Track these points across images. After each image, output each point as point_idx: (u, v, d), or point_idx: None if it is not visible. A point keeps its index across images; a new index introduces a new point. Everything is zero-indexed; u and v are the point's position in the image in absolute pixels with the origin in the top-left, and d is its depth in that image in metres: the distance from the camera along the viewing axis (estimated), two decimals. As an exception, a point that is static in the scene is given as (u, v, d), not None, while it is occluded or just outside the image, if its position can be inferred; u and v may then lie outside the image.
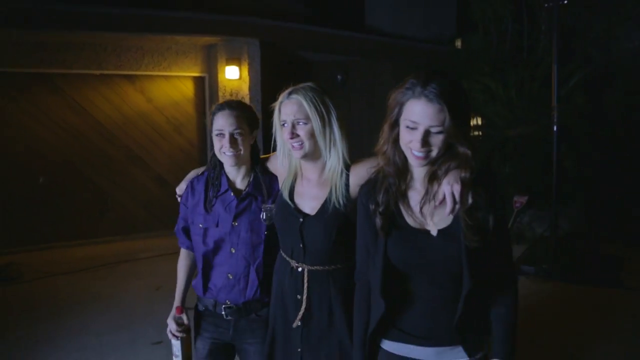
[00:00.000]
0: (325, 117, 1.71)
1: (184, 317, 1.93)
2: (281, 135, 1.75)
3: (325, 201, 1.73)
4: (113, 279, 5.36)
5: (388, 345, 1.52)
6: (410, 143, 1.33)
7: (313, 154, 1.75)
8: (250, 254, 1.87)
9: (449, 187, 1.32)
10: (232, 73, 6.62)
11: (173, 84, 6.99)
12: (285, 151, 1.80)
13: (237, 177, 1.93)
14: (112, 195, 6.82)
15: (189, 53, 6.90)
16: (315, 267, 1.73)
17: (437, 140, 1.30)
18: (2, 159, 6.18)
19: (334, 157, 1.73)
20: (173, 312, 1.94)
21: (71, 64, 6.29)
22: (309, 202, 1.78)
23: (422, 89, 1.28)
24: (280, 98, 1.75)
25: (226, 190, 1.90)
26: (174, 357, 1.94)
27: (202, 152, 7.27)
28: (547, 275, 4.88)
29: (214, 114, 1.89)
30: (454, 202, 1.31)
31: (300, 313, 1.74)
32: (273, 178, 1.93)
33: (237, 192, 1.91)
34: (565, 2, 4.75)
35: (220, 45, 6.70)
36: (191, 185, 1.98)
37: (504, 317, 1.45)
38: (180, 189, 2.01)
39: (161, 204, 6.88)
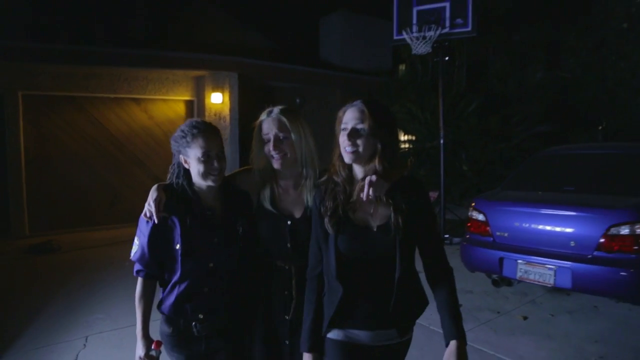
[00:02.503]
0: (302, 132, 1.93)
1: (159, 350, 1.90)
2: (261, 148, 1.95)
3: (307, 205, 1.92)
4: (126, 250, 7.07)
5: (333, 333, 1.71)
6: (343, 143, 1.64)
7: (291, 165, 1.94)
8: (228, 266, 1.93)
9: (368, 177, 1.63)
10: (216, 98, 8.71)
11: (169, 105, 9.00)
12: (263, 165, 1.98)
13: (210, 193, 1.92)
14: (120, 191, 8.69)
15: (183, 82, 8.93)
16: (302, 263, 1.84)
17: (362, 138, 1.62)
18: (39, 163, 7.98)
19: (310, 167, 1.95)
20: (144, 347, 1.87)
21: (93, 89, 8.20)
22: (290, 207, 1.95)
23: (353, 103, 1.67)
24: (262, 116, 1.96)
25: (203, 208, 1.90)
26: None
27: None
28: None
29: (194, 135, 1.84)
30: (369, 187, 1.61)
31: (293, 305, 1.89)
32: (241, 193, 2.00)
33: (212, 208, 1.92)
34: (447, 58, 7.08)
35: (207, 76, 8.77)
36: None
37: (447, 302, 1.68)
38: (155, 206, 1.83)
39: (158, 199, 8.79)
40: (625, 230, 3.66)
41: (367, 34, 11.87)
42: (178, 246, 1.86)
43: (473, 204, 4.68)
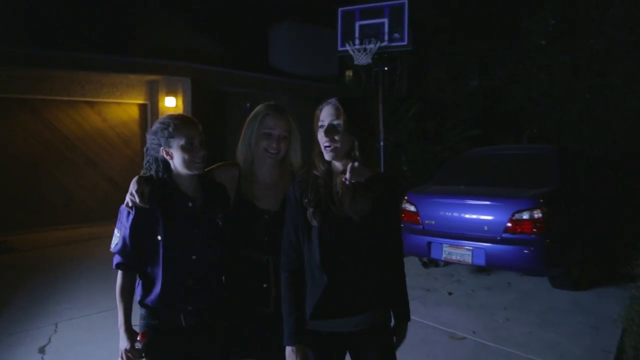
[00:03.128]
0: (297, 133, 2.03)
1: (144, 341, 1.90)
2: (255, 141, 1.98)
3: (283, 199, 1.92)
4: (84, 249, 7.45)
5: (317, 324, 1.76)
6: (321, 139, 1.74)
7: (279, 162, 2.02)
8: (210, 258, 1.94)
9: (350, 164, 1.73)
10: (170, 102, 9.06)
11: (123, 108, 9.26)
12: (248, 158, 2.01)
13: (190, 186, 1.94)
14: (74, 192, 8.84)
15: (136, 86, 9.22)
16: (279, 256, 1.85)
17: (339, 134, 1.70)
18: (-10, 165, 8.03)
19: (295, 164, 2.04)
20: (129, 341, 1.86)
21: (46, 92, 8.34)
22: (267, 201, 1.99)
23: (329, 100, 1.76)
24: (266, 110, 2.00)
25: (184, 199, 1.92)
26: None
27: (144, 159, 9.51)
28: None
29: (177, 125, 1.88)
30: (351, 173, 1.71)
31: (272, 298, 1.92)
32: (218, 186, 2.01)
33: (193, 200, 1.94)
34: (386, 69, 7.82)
35: (161, 81, 9.10)
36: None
37: (399, 288, 1.89)
38: (137, 197, 1.84)
39: (112, 199, 8.99)
40: (526, 216, 4.46)
41: (314, 42, 12.52)
42: (160, 237, 1.87)
43: (406, 197, 5.39)
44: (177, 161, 1.88)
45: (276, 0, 12.40)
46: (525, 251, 4.47)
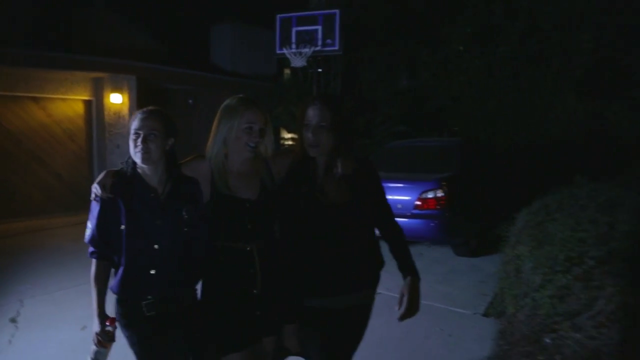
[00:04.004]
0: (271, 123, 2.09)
1: (114, 326, 1.99)
2: (236, 137, 1.98)
3: (261, 187, 2.05)
4: (33, 240, 7.71)
5: (310, 302, 1.96)
6: (308, 139, 1.87)
7: (256, 152, 2.05)
8: (172, 249, 1.99)
9: (339, 158, 1.91)
10: (116, 99, 9.44)
11: (68, 104, 9.51)
12: (221, 152, 2.02)
13: (154, 178, 1.99)
14: (18, 187, 8.99)
15: (82, 82, 9.49)
16: (262, 242, 2.00)
17: (323, 134, 1.85)
18: None
19: (266, 153, 2.09)
20: (99, 324, 1.96)
21: (-11, 88, 8.48)
22: (245, 190, 2.03)
23: (314, 100, 1.89)
24: (244, 104, 2.01)
25: (146, 191, 1.98)
26: None
27: (89, 154, 9.85)
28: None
29: (134, 117, 1.97)
30: (342, 166, 1.91)
31: (259, 280, 1.99)
32: (191, 181, 2.03)
33: (156, 192, 1.99)
34: (320, 70, 8.68)
35: (107, 78, 9.45)
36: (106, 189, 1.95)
37: (401, 250, 2.09)
38: (99, 188, 1.95)
39: (58, 193, 9.32)
40: (430, 195, 5.46)
41: (254, 42, 13.15)
42: (123, 227, 1.94)
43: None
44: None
45: (218, 1, 12.93)
46: (431, 224, 5.48)
